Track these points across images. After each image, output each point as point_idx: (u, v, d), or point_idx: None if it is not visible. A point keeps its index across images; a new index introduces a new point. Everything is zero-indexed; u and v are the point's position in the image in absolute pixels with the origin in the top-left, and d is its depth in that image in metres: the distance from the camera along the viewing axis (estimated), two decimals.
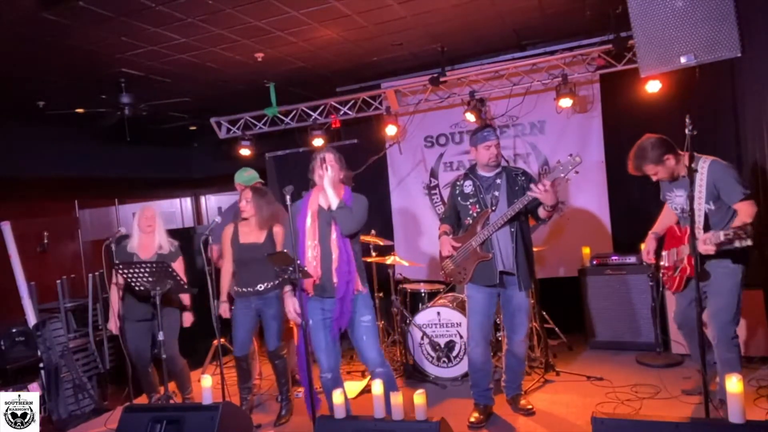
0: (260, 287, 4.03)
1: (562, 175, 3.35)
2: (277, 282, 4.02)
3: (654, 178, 3.49)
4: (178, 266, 4.23)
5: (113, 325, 4.24)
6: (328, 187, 3.30)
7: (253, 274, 4.03)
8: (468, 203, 3.73)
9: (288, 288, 3.41)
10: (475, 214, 3.69)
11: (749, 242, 2.90)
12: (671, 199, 3.58)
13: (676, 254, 3.56)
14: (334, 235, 3.31)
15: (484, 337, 3.76)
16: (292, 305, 3.40)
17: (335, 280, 3.29)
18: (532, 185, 3.39)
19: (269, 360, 4.20)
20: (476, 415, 3.79)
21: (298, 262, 3.19)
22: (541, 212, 3.53)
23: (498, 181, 3.68)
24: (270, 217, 4.09)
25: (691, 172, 2.95)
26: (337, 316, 3.29)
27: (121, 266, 3.87)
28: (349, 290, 3.28)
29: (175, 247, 4.35)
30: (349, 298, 3.28)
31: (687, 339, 3.78)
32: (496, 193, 3.65)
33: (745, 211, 3.15)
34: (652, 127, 3.72)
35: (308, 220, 3.38)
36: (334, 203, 3.28)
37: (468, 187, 3.75)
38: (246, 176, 4.91)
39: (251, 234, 4.09)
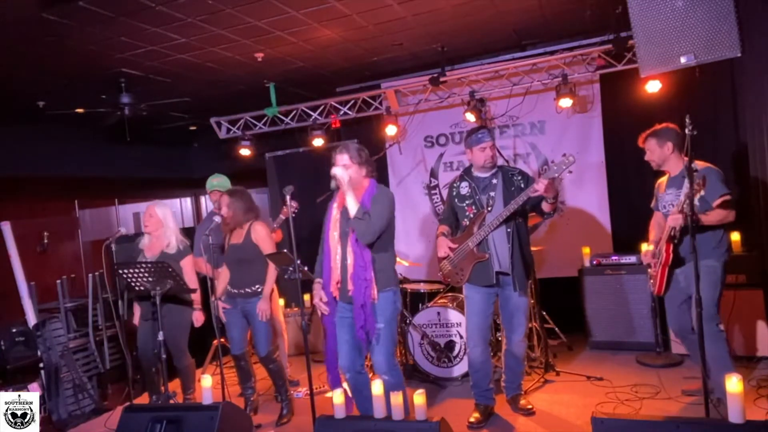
0: (245, 290, 4.03)
1: (556, 175, 3.35)
2: (263, 287, 4.02)
3: (647, 156, 3.70)
4: (187, 265, 4.21)
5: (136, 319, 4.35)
6: (349, 194, 3.19)
7: (239, 276, 4.05)
8: (464, 204, 3.73)
9: (317, 280, 3.37)
10: (471, 215, 3.69)
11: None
12: (662, 199, 3.70)
13: (656, 246, 3.68)
14: (350, 241, 3.23)
15: (482, 338, 3.76)
16: (318, 296, 3.37)
17: (350, 287, 3.22)
18: (534, 185, 3.38)
19: (263, 365, 4.18)
20: (476, 415, 3.79)
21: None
22: (545, 206, 3.53)
23: (494, 181, 3.67)
24: (243, 216, 4.05)
25: (691, 172, 2.96)
26: (362, 324, 3.20)
27: (120, 267, 3.86)
28: (367, 297, 3.19)
29: (184, 246, 4.26)
30: (369, 304, 3.20)
31: (685, 344, 3.80)
32: (492, 194, 3.64)
33: (719, 213, 3.36)
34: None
35: (331, 223, 3.35)
36: (353, 211, 3.17)
37: (464, 188, 3.76)
38: (216, 182, 4.90)
39: (235, 235, 4.11)
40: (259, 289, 4.03)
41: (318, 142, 6.25)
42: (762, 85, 4.08)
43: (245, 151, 6.59)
